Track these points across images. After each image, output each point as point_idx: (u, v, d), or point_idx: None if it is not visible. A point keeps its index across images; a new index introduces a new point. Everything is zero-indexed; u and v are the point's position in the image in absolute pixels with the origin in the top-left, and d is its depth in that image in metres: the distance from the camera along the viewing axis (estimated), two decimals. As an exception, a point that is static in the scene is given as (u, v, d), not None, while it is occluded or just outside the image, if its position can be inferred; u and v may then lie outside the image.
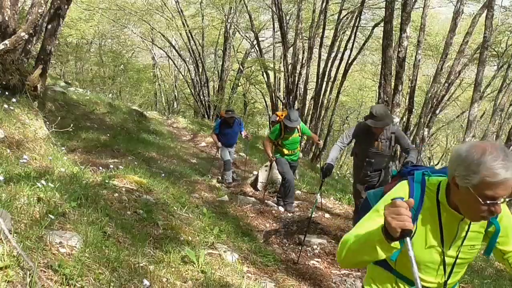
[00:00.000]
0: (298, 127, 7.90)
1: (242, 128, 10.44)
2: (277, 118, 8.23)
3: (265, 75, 22.32)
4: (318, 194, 6.88)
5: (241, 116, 29.85)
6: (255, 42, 22.90)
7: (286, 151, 7.95)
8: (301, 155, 10.51)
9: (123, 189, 5.35)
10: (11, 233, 2.96)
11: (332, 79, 20.29)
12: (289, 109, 11.74)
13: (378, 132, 5.71)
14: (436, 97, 14.45)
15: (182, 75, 29.11)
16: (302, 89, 19.05)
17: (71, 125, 8.69)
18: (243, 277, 4.43)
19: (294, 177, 8.75)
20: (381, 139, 5.78)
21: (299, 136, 8.05)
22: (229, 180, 10.13)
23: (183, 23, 23.42)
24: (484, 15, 12.53)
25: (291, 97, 19.41)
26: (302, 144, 9.12)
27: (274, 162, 8.09)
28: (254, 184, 9.56)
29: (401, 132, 6.05)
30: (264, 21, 25.47)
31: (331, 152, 5.93)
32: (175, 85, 31.98)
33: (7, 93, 6.64)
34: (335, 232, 6.79)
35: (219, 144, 10.19)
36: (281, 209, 8.01)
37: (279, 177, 9.59)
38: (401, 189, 2.02)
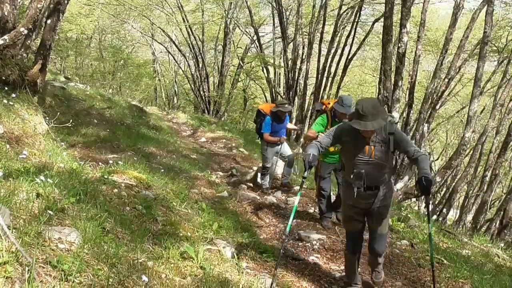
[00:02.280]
0: (349, 116, 6.74)
1: (287, 121, 9.01)
2: (323, 107, 7.05)
3: (265, 70, 22.32)
4: (298, 196, 4.79)
5: (241, 111, 29.94)
6: (255, 38, 22.87)
7: (331, 148, 6.19)
8: None
9: (123, 184, 5.35)
10: (9, 229, 2.96)
11: (332, 74, 20.30)
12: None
13: (369, 136, 4.28)
14: (436, 93, 14.41)
15: (182, 70, 29.05)
16: (302, 85, 19.05)
17: (71, 120, 8.69)
18: (242, 272, 4.43)
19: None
20: (374, 142, 4.32)
21: None
22: (266, 185, 9.04)
23: (183, 18, 23.36)
24: (484, 10, 12.51)
25: (291, 92, 19.42)
26: None
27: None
28: (254, 180, 9.56)
29: (401, 133, 4.50)
30: (264, 16, 25.42)
31: (309, 147, 4.52)
32: (175, 80, 31.94)
33: (6, 88, 6.63)
34: (334, 228, 6.80)
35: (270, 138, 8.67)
36: (281, 204, 8.01)
37: (279, 172, 9.61)
38: None
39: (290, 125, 9.20)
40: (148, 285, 3.34)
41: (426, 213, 4.35)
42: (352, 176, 4.39)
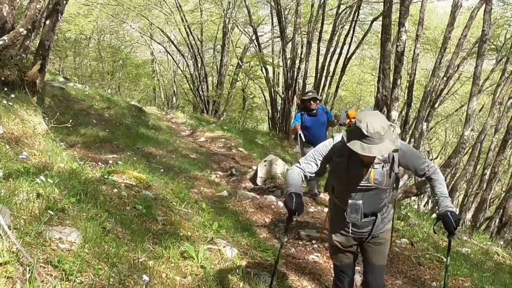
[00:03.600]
0: None
1: (330, 116, 7.90)
2: (347, 121, 6.29)
3: (264, 70, 22.29)
4: (285, 239, 3.99)
5: (240, 111, 29.92)
6: (253, 37, 22.84)
7: None
8: None
9: (122, 184, 5.36)
10: (10, 229, 2.96)
11: (331, 73, 20.31)
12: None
13: (370, 160, 3.42)
14: (435, 91, 14.43)
15: (181, 70, 29.03)
16: (301, 84, 19.03)
17: (70, 120, 8.69)
18: (242, 272, 4.44)
19: None
20: (374, 163, 3.46)
21: None
22: (314, 191, 8.39)
23: (181, 18, 23.35)
24: (482, 8, 12.51)
25: (290, 91, 19.41)
26: None
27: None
28: (253, 179, 9.56)
29: (408, 147, 3.63)
30: (262, 16, 25.40)
31: (289, 179, 3.58)
32: (174, 80, 31.92)
33: (6, 88, 6.63)
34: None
35: (299, 130, 7.74)
36: (280, 204, 8.02)
37: (279, 172, 9.61)
38: None
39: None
40: (149, 285, 3.35)
41: (447, 247, 3.67)
42: (348, 209, 3.55)
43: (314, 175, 3.63)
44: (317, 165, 3.58)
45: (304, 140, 7.68)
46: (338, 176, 3.62)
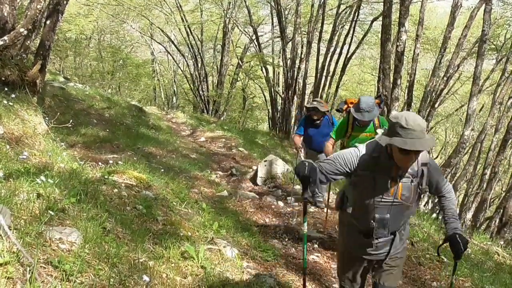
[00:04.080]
0: (376, 121, 5.52)
1: (329, 127, 7.29)
2: (345, 106, 5.96)
3: (264, 70, 22.31)
4: (305, 224, 3.63)
5: (240, 111, 29.91)
6: (254, 37, 22.86)
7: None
8: None
9: (123, 184, 5.36)
10: (10, 229, 2.96)
11: (331, 73, 20.33)
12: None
13: (407, 165, 3.02)
14: (435, 91, 14.45)
15: (181, 70, 29.04)
16: (301, 84, 19.05)
17: (70, 120, 8.69)
18: (242, 272, 4.45)
19: None
20: (401, 177, 3.09)
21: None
22: (320, 199, 7.77)
23: (182, 18, 23.36)
24: (482, 8, 12.52)
25: (290, 91, 19.44)
26: None
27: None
28: (253, 179, 9.57)
29: (436, 165, 3.32)
30: (263, 16, 25.41)
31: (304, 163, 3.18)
32: (174, 80, 31.93)
33: (6, 89, 6.63)
34: (335, 227, 6.81)
35: (300, 145, 7.41)
36: (281, 204, 8.02)
37: (279, 171, 9.61)
38: None
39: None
40: (149, 285, 3.35)
41: (453, 268, 3.50)
42: (372, 226, 3.20)
43: (333, 179, 3.26)
44: (338, 169, 3.18)
45: (303, 155, 7.41)
46: (361, 191, 3.21)
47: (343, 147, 5.69)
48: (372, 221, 3.20)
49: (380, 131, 3.26)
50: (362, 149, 3.17)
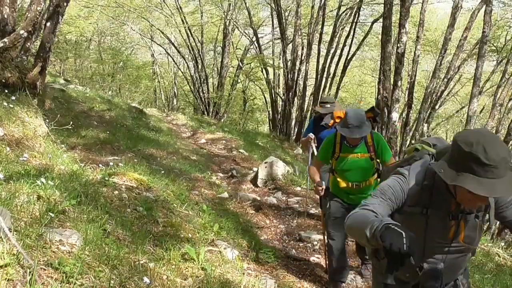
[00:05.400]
0: (369, 139, 4.53)
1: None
2: (331, 122, 5.30)
3: (264, 71, 22.33)
4: None
5: (240, 113, 29.91)
6: (254, 39, 22.89)
7: (343, 183, 4.59)
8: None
9: (123, 186, 5.35)
10: (11, 231, 2.96)
11: (331, 75, 20.36)
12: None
13: (475, 206, 2.24)
14: (435, 93, 14.46)
15: (182, 72, 29.05)
16: (302, 85, 19.07)
17: (71, 122, 8.68)
18: (243, 274, 4.43)
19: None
20: (464, 214, 2.28)
21: (370, 157, 4.53)
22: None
23: (182, 20, 23.37)
24: (483, 10, 12.53)
25: (290, 93, 19.44)
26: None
27: (321, 192, 4.68)
28: (254, 181, 9.56)
29: None
30: (263, 18, 25.45)
31: (361, 219, 2.16)
32: (175, 82, 31.96)
33: (6, 91, 6.63)
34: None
35: (310, 139, 6.35)
36: (281, 205, 8.01)
37: (279, 173, 9.60)
38: None
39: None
40: (150, 287, 3.34)
41: None
42: (424, 276, 2.34)
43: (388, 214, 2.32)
44: (390, 205, 2.28)
45: (316, 152, 6.10)
46: (413, 231, 2.06)
47: (333, 171, 4.68)
48: (417, 273, 2.34)
49: (425, 148, 2.41)
50: (411, 177, 2.31)
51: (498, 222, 13.01)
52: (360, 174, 4.53)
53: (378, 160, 4.52)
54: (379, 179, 4.43)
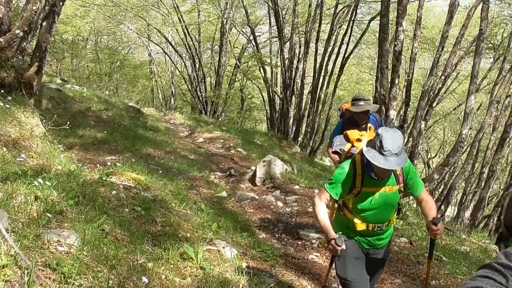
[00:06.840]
0: (398, 171, 3.36)
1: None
2: (346, 148, 3.87)
3: (262, 70, 22.30)
4: None
5: (238, 111, 29.90)
6: (251, 37, 22.85)
7: (361, 226, 3.44)
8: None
9: (121, 186, 5.34)
10: (8, 232, 2.95)
11: (329, 73, 20.32)
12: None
13: None
14: (432, 90, 14.44)
15: (179, 71, 29.03)
16: (299, 84, 19.06)
17: (68, 122, 8.65)
18: (242, 272, 4.43)
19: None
20: None
21: (399, 189, 3.45)
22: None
23: (179, 19, 23.35)
24: (479, 7, 12.54)
25: (288, 91, 19.43)
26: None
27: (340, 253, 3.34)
28: (252, 180, 9.56)
29: None
30: (260, 16, 25.45)
31: None
32: (172, 81, 31.91)
33: (2, 91, 6.61)
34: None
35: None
36: (279, 203, 8.01)
37: (277, 172, 9.60)
38: None
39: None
40: (148, 286, 3.34)
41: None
42: None
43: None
44: None
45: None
46: None
47: (343, 207, 3.54)
48: None
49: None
50: None
51: (495, 219, 13.04)
52: (386, 213, 3.44)
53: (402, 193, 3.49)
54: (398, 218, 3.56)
